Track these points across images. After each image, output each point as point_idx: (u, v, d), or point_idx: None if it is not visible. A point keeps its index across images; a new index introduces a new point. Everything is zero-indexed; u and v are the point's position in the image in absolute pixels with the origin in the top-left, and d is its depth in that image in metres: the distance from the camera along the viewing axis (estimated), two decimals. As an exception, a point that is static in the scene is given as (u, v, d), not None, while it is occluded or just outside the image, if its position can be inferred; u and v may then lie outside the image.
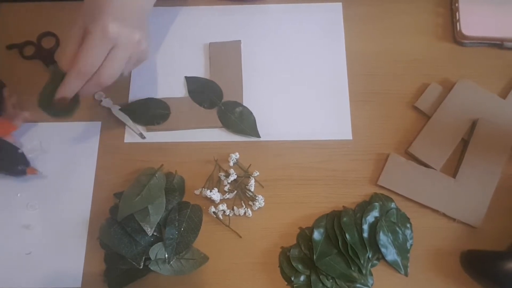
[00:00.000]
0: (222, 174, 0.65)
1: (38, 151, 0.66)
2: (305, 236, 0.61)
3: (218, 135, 0.67)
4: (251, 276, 0.60)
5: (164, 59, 0.72)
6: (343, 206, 0.63)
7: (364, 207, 0.61)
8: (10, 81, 0.71)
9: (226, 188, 0.64)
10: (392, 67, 0.70)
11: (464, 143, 0.65)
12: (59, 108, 0.59)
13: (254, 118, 0.68)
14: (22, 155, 0.65)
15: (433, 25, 0.72)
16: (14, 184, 0.65)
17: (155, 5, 0.62)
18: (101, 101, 0.68)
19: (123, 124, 0.68)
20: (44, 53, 0.72)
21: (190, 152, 0.66)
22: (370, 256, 0.59)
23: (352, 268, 0.58)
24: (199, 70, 0.71)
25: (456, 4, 0.71)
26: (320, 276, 0.58)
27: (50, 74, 0.59)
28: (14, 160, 0.64)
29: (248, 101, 0.69)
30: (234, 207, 0.63)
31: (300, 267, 0.59)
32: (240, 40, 0.72)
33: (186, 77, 0.71)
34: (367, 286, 0.58)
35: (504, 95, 0.67)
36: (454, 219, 0.61)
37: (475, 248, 0.59)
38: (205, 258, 0.60)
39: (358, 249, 0.58)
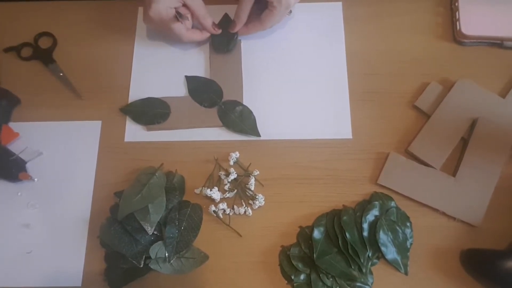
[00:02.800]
0: (222, 173, 0.65)
1: (35, 154, 0.66)
2: (305, 235, 0.61)
3: (218, 134, 0.68)
4: (251, 275, 0.60)
5: (164, 58, 0.72)
6: (343, 205, 0.63)
7: (364, 206, 0.61)
8: (10, 83, 0.71)
9: (226, 187, 0.64)
10: (392, 66, 0.70)
11: (464, 142, 0.65)
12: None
13: (254, 117, 0.68)
14: (16, 161, 0.65)
15: (433, 24, 0.73)
16: (14, 183, 0.65)
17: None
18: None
19: (123, 123, 0.68)
20: (42, 53, 0.73)
21: (190, 151, 0.67)
22: (370, 255, 0.59)
23: (352, 267, 0.58)
24: (199, 70, 0.71)
25: (456, 4, 0.71)
26: (320, 275, 0.58)
27: None
28: (8, 166, 0.65)
29: (248, 100, 0.69)
30: (234, 206, 0.63)
31: (300, 266, 0.59)
32: (240, 40, 0.73)
33: (186, 77, 0.71)
34: (367, 285, 0.58)
35: (503, 94, 0.67)
36: (454, 218, 0.61)
37: (475, 247, 0.59)
38: (205, 257, 0.60)
39: (358, 248, 0.58)
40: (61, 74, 0.71)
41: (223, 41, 0.71)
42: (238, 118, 0.67)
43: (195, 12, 0.68)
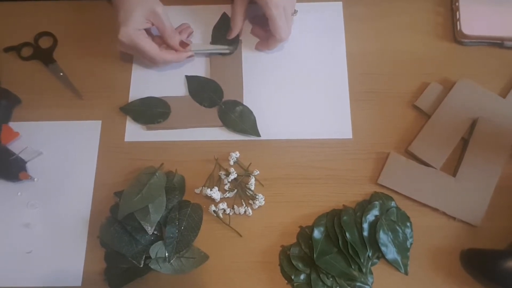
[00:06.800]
0: (222, 173, 0.65)
1: (35, 154, 0.66)
2: (305, 234, 0.61)
3: (218, 134, 0.68)
4: (251, 274, 0.60)
5: (164, 58, 0.72)
6: (343, 205, 0.63)
7: (364, 206, 0.61)
8: (10, 83, 0.71)
9: (226, 187, 0.64)
10: (392, 66, 0.70)
11: (464, 142, 0.65)
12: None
13: (254, 117, 0.68)
14: (16, 160, 0.65)
15: (434, 24, 0.73)
16: (14, 183, 0.65)
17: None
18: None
19: (123, 123, 0.68)
20: (43, 53, 0.73)
21: (190, 151, 0.67)
22: (370, 254, 0.59)
23: (352, 267, 0.58)
24: (200, 69, 0.71)
25: (457, 3, 0.71)
26: (320, 275, 0.58)
27: None
28: (8, 166, 0.65)
29: (248, 100, 0.69)
30: (235, 206, 0.63)
31: (300, 265, 0.59)
32: (240, 39, 0.73)
33: (186, 76, 0.71)
34: (367, 284, 0.58)
35: (504, 94, 0.67)
36: (454, 218, 0.61)
37: (475, 247, 0.59)
38: (205, 257, 0.60)
39: (358, 248, 0.58)
40: (61, 74, 0.71)
41: (224, 43, 0.71)
42: (238, 118, 0.67)
43: (161, 32, 0.66)
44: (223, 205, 0.62)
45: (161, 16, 0.65)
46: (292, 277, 0.59)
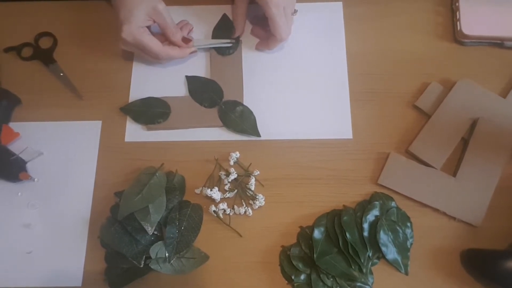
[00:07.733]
0: (222, 173, 0.65)
1: (36, 154, 0.66)
2: (305, 235, 0.61)
3: (219, 134, 0.68)
4: (252, 275, 0.60)
5: (164, 58, 0.72)
6: (344, 205, 0.63)
7: (365, 206, 0.61)
8: (10, 83, 0.71)
9: (226, 187, 0.64)
10: (392, 66, 0.70)
11: (464, 142, 0.65)
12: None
13: (255, 117, 0.68)
14: (17, 161, 0.65)
15: (434, 24, 0.72)
16: (15, 183, 0.65)
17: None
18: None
19: (123, 123, 0.68)
20: (43, 53, 0.73)
21: (190, 151, 0.67)
22: (370, 255, 0.59)
23: (353, 267, 0.58)
24: (200, 69, 0.71)
25: (457, 4, 0.71)
26: (321, 275, 0.58)
27: None
28: (8, 166, 0.65)
29: (249, 101, 0.69)
30: (235, 206, 0.63)
31: (300, 266, 0.59)
32: (240, 39, 0.73)
33: (186, 76, 0.71)
34: (368, 285, 0.58)
35: (504, 94, 0.67)
36: (454, 218, 0.61)
37: (475, 247, 0.59)
38: (205, 257, 0.60)
39: (359, 248, 0.58)
40: (61, 74, 0.71)
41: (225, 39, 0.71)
42: (238, 118, 0.67)
43: (163, 29, 0.66)
44: (223, 205, 0.62)
45: (163, 13, 0.65)
46: (293, 277, 0.59)
